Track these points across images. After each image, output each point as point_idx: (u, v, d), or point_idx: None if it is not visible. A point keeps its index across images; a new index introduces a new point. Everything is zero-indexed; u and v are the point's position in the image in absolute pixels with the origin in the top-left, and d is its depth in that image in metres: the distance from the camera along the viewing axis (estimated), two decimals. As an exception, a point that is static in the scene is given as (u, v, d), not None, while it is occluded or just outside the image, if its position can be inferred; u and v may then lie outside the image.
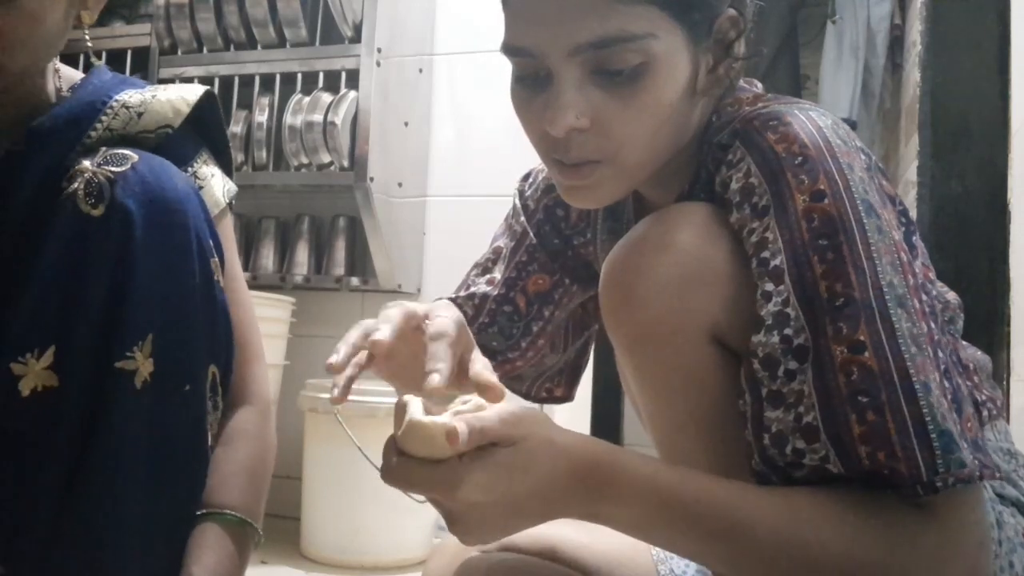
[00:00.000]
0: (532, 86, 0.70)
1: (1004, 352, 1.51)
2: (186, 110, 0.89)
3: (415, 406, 0.59)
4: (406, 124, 2.12)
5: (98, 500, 0.75)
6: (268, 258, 2.19)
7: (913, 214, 1.82)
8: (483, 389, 0.65)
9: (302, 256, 2.18)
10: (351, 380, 0.71)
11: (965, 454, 0.58)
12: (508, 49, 0.71)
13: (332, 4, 2.04)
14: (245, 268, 2.19)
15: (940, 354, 0.62)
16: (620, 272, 0.68)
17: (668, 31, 0.67)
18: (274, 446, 0.92)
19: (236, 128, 2.12)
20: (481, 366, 0.70)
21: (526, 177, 0.98)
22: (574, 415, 2.23)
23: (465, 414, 0.58)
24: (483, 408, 0.60)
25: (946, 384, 0.61)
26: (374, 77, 1.98)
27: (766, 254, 0.63)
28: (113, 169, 0.78)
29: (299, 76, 2.08)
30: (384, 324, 0.72)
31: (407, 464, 0.57)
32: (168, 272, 0.79)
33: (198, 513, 0.82)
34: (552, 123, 0.68)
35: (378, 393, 1.86)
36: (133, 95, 0.88)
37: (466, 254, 2.11)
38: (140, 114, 0.87)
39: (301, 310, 2.09)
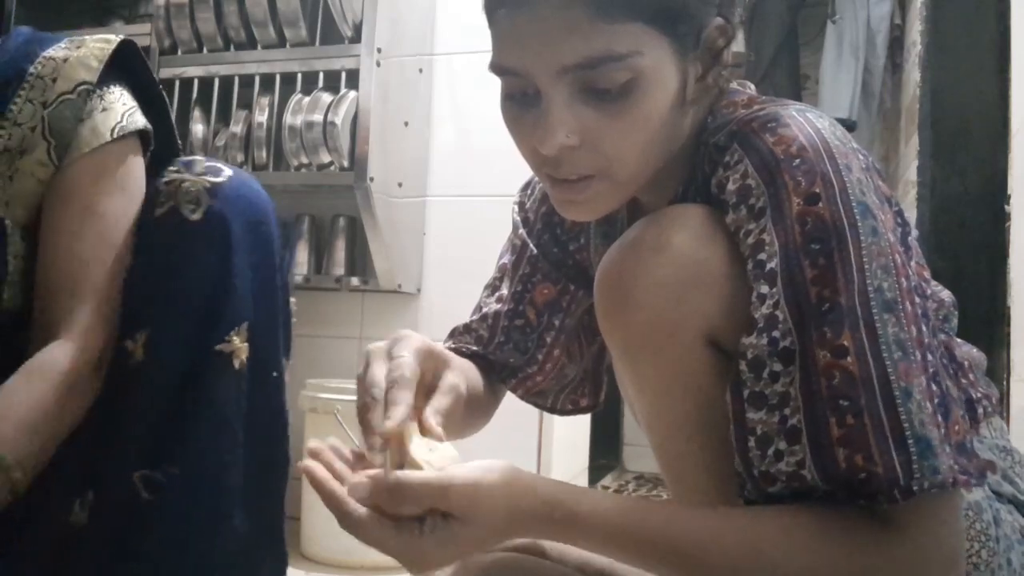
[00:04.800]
0: (522, 104, 0.71)
1: (1004, 352, 1.51)
2: (99, 66, 0.91)
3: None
4: (406, 124, 2.12)
5: (204, 460, 0.85)
6: (268, 258, 2.20)
7: (913, 214, 1.82)
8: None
9: (302, 256, 2.18)
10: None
11: (941, 460, 0.58)
12: (496, 68, 0.71)
13: (332, 4, 2.04)
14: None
15: (930, 357, 0.62)
16: (615, 275, 0.68)
17: (655, 46, 0.66)
18: (82, 396, 0.85)
19: (236, 128, 2.12)
20: (431, 413, 0.68)
21: (524, 187, 0.97)
22: (575, 416, 2.23)
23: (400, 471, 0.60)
24: (454, 459, 0.62)
25: (933, 387, 0.61)
26: (374, 77, 1.98)
27: (762, 256, 0.63)
28: (211, 179, 0.89)
29: (299, 76, 2.08)
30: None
31: (370, 522, 0.59)
32: (257, 274, 0.89)
33: None
34: (542, 142, 0.68)
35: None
36: (46, 63, 0.91)
37: (466, 254, 2.13)
38: (55, 79, 0.90)
39: (301, 310, 2.08)
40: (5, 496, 0.80)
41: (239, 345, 0.86)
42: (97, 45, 0.93)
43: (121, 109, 0.93)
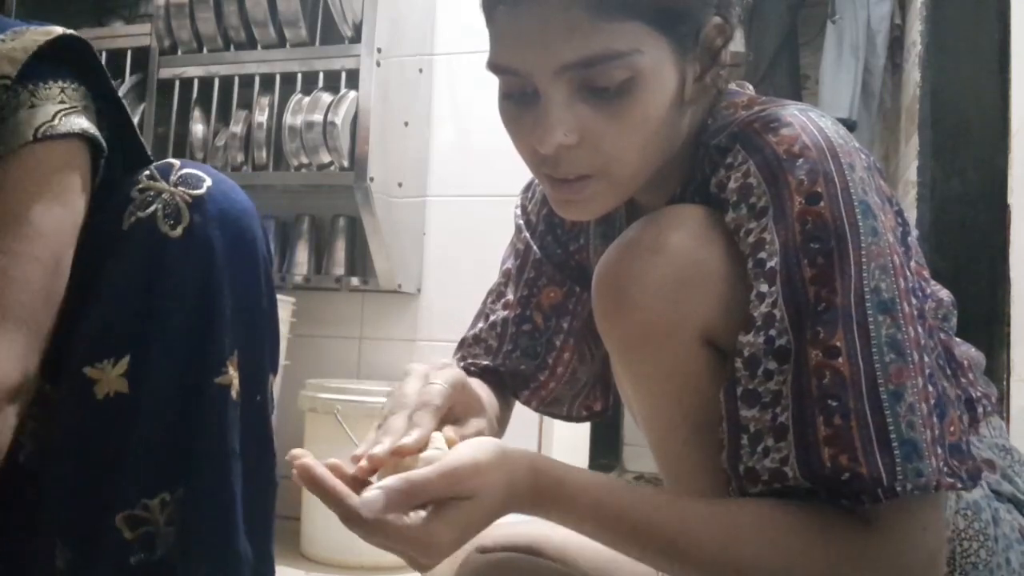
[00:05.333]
0: (520, 103, 0.70)
1: (1004, 352, 1.51)
2: (23, 57, 0.81)
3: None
4: (406, 124, 2.12)
5: (213, 495, 0.82)
6: (268, 258, 2.20)
7: (913, 214, 1.82)
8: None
9: (302, 256, 2.18)
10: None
11: (927, 463, 0.59)
12: (494, 68, 0.71)
13: (332, 4, 2.04)
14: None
15: (926, 359, 0.62)
16: (613, 275, 0.68)
17: (653, 45, 0.66)
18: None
19: (236, 128, 2.12)
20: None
21: (525, 189, 0.97)
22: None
23: (398, 474, 0.59)
24: (447, 448, 0.63)
25: (929, 389, 0.61)
26: (374, 77, 1.98)
27: (763, 255, 0.63)
28: (191, 192, 0.81)
29: (299, 76, 2.08)
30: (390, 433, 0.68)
31: (376, 520, 0.57)
32: (244, 293, 0.84)
33: None
34: (541, 142, 0.68)
35: (378, 393, 1.86)
36: None
37: (466, 254, 2.13)
38: None
39: (301, 310, 2.09)
40: None
41: (233, 375, 0.82)
42: (32, 36, 0.83)
43: (53, 109, 0.82)
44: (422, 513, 0.58)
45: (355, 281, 2.13)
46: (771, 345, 0.62)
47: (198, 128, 2.16)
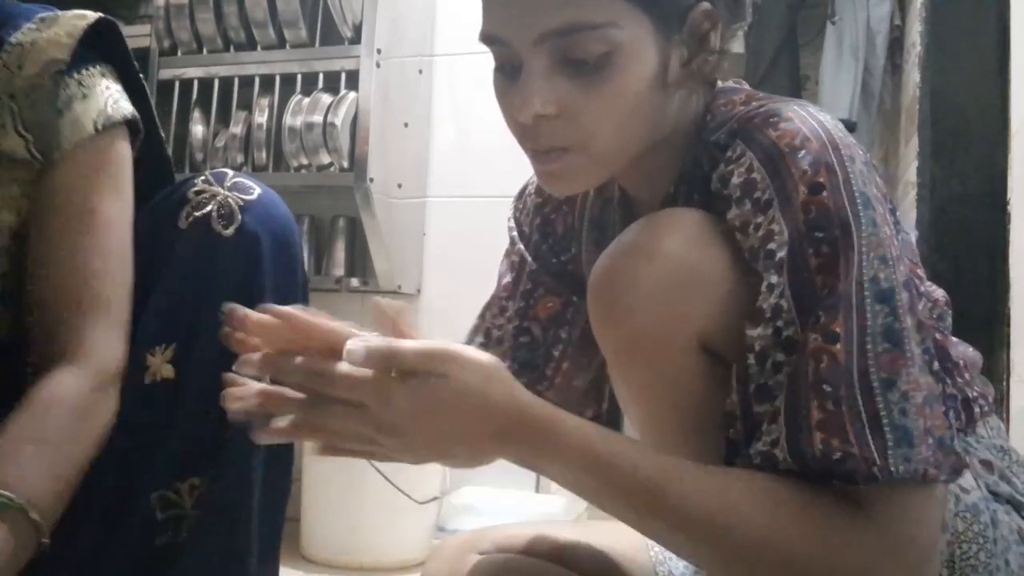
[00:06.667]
0: (509, 75, 0.72)
1: (1004, 352, 1.51)
2: (71, 43, 0.84)
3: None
4: (406, 125, 2.12)
5: (236, 485, 0.84)
6: (268, 259, 2.20)
7: (913, 214, 1.82)
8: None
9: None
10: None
11: (916, 451, 0.59)
12: (483, 37, 0.72)
13: (332, 5, 2.04)
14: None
15: (920, 350, 0.62)
16: (607, 279, 0.68)
17: (632, 21, 0.67)
18: (102, 420, 0.80)
19: (236, 129, 2.12)
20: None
21: (518, 199, 0.97)
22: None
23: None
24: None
25: (922, 380, 0.61)
26: (374, 78, 1.99)
27: (772, 246, 0.63)
28: (243, 196, 0.87)
29: (299, 77, 2.08)
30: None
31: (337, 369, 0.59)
32: (284, 292, 0.87)
33: None
34: (519, 110, 0.69)
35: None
36: (12, 50, 0.83)
37: (466, 255, 2.13)
38: (20, 66, 0.83)
39: (301, 311, 2.09)
40: (31, 546, 0.71)
41: None
42: (70, 22, 0.85)
43: (103, 95, 0.86)
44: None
45: (355, 282, 2.13)
46: (779, 336, 0.62)
47: (198, 129, 2.16)
